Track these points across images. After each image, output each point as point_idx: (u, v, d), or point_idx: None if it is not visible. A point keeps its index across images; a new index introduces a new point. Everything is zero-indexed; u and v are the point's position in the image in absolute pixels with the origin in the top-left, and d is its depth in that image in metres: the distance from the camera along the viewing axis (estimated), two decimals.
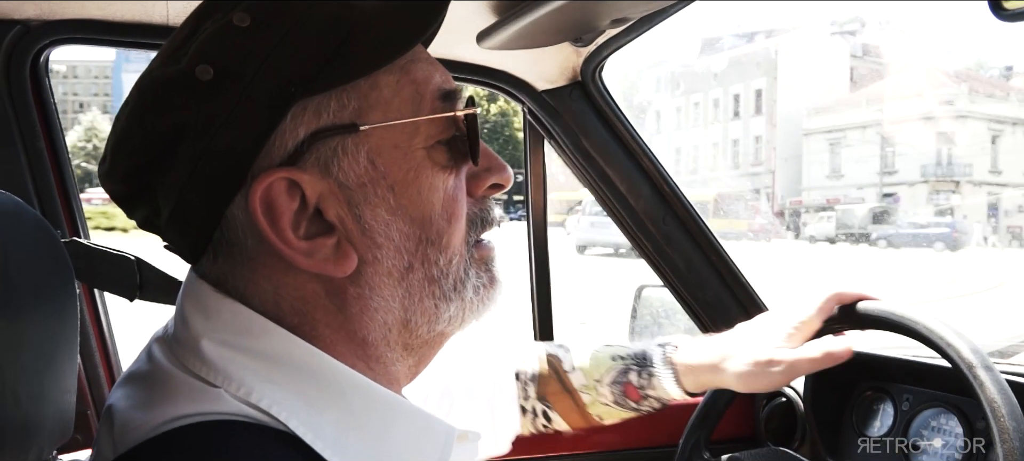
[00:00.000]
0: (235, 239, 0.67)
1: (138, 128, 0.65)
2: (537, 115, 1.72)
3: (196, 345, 0.66)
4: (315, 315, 0.68)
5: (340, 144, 0.66)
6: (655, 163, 1.77)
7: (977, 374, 1.09)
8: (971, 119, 45.84)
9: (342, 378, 0.67)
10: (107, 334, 1.55)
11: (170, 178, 0.65)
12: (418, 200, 0.68)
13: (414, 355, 0.75)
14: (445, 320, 0.72)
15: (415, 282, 0.70)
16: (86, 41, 1.40)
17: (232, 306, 0.67)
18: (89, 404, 1.49)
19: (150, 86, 0.65)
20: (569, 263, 18.73)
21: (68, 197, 1.46)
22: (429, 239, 0.69)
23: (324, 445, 0.64)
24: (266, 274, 0.67)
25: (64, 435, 0.95)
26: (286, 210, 0.64)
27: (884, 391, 1.59)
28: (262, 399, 0.63)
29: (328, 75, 0.64)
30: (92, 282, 1.43)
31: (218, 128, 0.62)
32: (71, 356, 0.96)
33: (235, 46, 0.63)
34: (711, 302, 1.88)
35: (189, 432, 0.60)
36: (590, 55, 1.59)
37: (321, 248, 0.66)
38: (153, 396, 0.65)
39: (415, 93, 0.69)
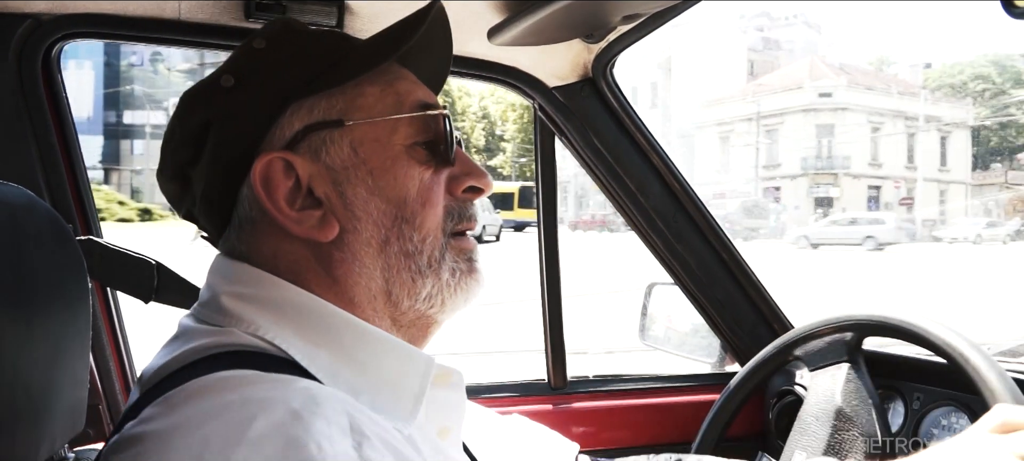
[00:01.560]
0: (245, 213, 0.82)
1: (178, 126, 0.83)
2: (548, 112, 1.71)
3: (217, 301, 0.79)
4: (307, 276, 0.80)
5: (328, 135, 0.81)
6: (666, 160, 1.76)
7: (976, 367, 1.09)
8: (850, 111, 46.27)
9: (336, 318, 0.79)
10: (119, 329, 1.55)
11: (199, 167, 0.81)
12: (394, 184, 0.81)
13: (404, 333, 0.85)
14: (424, 298, 0.83)
15: (392, 254, 0.82)
16: (98, 36, 1.40)
17: (244, 266, 0.81)
18: (101, 398, 1.49)
19: (188, 94, 0.84)
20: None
21: (80, 193, 1.46)
22: (404, 217, 0.82)
23: (317, 370, 0.75)
24: (268, 241, 0.81)
25: (75, 428, 0.96)
26: (281, 185, 0.79)
27: (895, 390, 1.58)
28: (267, 333, 0.76)
29: (320, 83, 0.81)
30: (107, 282, 1.43)
31: (232, 122, 0.80)
32: (83, 350, 0.97)
33: (251, 62, 0.82)
34: (722, 300, 1.88)
35: (201, 362, 0.72)
36: (601, 52, 1.59)
37: (310, 218, 0.80)
38: (174, 346, 0.77)
39: (396, 101, 0.84)
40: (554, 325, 1.83)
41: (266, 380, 0.67)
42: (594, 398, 1.85)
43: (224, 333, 0.76)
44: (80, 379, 0.96)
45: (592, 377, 1.91)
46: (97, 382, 1.48)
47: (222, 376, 0.67)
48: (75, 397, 0.95)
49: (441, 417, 0.85)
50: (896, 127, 47.89)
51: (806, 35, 65.18)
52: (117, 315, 1.55)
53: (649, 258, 1.89)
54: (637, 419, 1.86)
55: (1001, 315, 11.30)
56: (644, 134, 1.73)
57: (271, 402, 0.62)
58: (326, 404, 0.64)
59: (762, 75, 53.61)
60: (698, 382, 1.96)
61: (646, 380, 1.94)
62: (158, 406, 0.67)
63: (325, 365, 0.76)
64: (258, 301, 0.78)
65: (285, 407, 0.61)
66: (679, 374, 1.98)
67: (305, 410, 0.62)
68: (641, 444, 1.84)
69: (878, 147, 47.40)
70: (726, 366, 1.98)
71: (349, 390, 0.74)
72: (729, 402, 1.46)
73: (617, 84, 1.69)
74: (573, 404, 1.83)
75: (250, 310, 0.77)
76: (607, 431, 1.83)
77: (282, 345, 0.75)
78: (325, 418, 0.62)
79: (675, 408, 1.89)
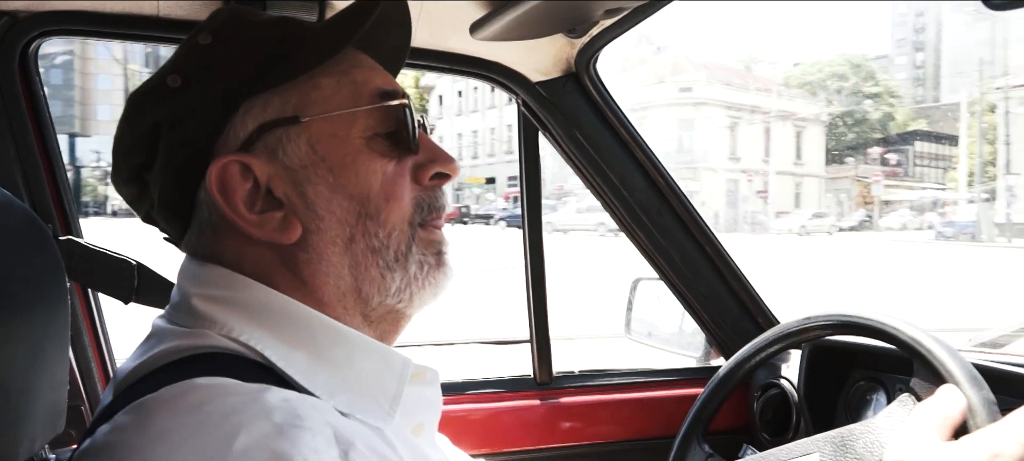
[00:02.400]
0: (204, 217, 0.80)
1: (127, 130, 0.80)
2: (531, 107, 1.71)
3: (188, 304, 0.77)
4: (275, 278, 0.79)
5: (284, 133, 0.78)
6: (650, 155, 1.76)
7: (935, 355, 1.11)
8: (709, 106, 46.91)
9: (311, 319, 0.78)
10: (101, 330, 1.54)
11: (154, 171, 0.79)
12: (356, 180, 0.79)
13: (375, 329, 0.84)
14: (394, 292, 0.81)
15: (359, 252, 0.79)
16: (76, 33, 1.38)
17: (214, 268, 0.79)
18: (83, 399, 1.48)
19: (135, 96, 0.80)
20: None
21: (59, 193, 1.44)
22: (368, 213, 0.79)
23: (294, 371, 0.74)
24: (230, 244, 0.79)
25: (55, 429, 0.95)
26: (239, 188, 0.77)
27: (877, 381, 1.59)
28: (242, 335, 0.74)
29: (270, 78, 0.78)
30: (87, 282, 1.42)
31: (183, 124, 0.77)
32: (62, 352, 0.96)
33: (198, 59, 0.79)
34: (706, 295, 1.88)
35: (175, 365, 0.71)
36: (584, 46, 1.59)
37: (271, 221, 0.78)
38: (148, 348, 0.75)
39: (354, 92, 0.81)
40: (539, 320, 1.83)
41: (242, 391, 0.65)
42: (580, 393, 1.85)
43: (198, 335, 0.74)
44: (59, 380, 0.95)
45: (578, 372, 1.92)
46: (78, 383, 1.47)
47: (197, 384, 0.65)
48: (55, 398, 0.94)
49: (416, 414, 0.84)
50: (753, 122, 49.04)
51: (680, 33, 65.57)
52: (98, 316, 1.53)
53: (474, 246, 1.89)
54: (623, 413, 1.86)
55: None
56: (628, 129, 1.73)
57: (252, 415, 0.60)
58: (308, 416, 0.63)
59: (631, 70, 53.91)
60: (683, 376, 1.97)
61: (631, 374, 1.94)
62: (132, 413, 0.65)
63: (301, 367, 0.74)
64: (230, 303, 0.76)
65: (267, 421, 0.60)
66: (664, 368, 1.98)
67: (288, 424, 0.60)
68: (627, 438, 1.85)
69: (736, 141, 48.40)
70: (711, 360, 1.99)
71: (326, 391, 0.74)
72: (713, 396, 1.46)
73: (600, 79, 1.69)
74: (559, 399, 1.83)
75: (223, 312, 0.75)
76: (593, 426, 1.83)
77: (257, 346, 0.74)
78: (309, 430, 0.61)
79: (660, 402, 1.90)
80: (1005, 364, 1.36)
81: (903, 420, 1.15)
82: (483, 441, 1.74)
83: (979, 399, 1.03)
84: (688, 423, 1.46)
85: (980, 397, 1.04)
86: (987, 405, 1.03)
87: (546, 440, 1.79)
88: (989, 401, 1.03)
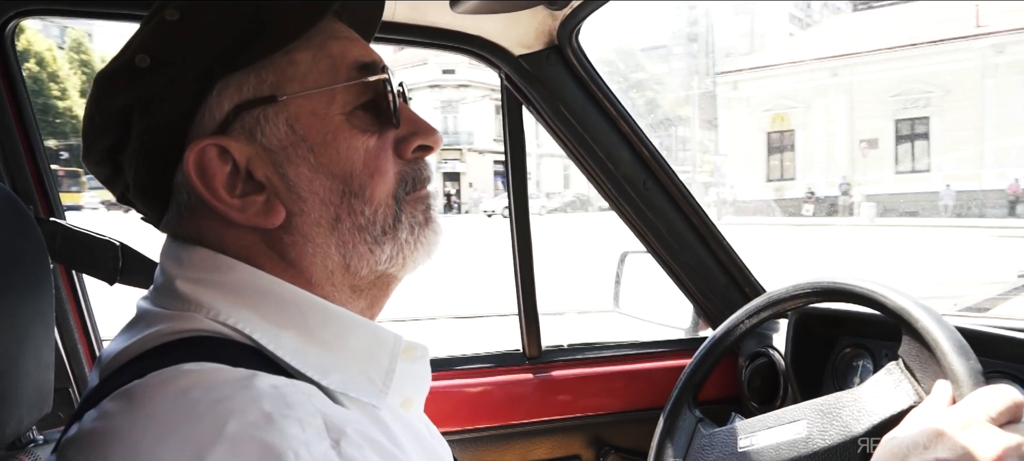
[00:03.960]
0: (183, 200, 0.78)
1: (97, 112, 0.76)
2: (514, 81, 1.70)
3: (172, 287, 0.75)
4: (260, 261, 0.77)
5: (261, 113, 0.75)
6: (634, 128, 1.76)
7: (922, 323, 1.11)
8: (472, 88, 46.78)
9: (300, 299, 0.76)
10: (87, 312, 1.53)
11: (128, 153, 0.76)
12: (338, 158, 0.77)
13: (365, 297, 0.83)
14: (384, 261, 0.80)
15: (346, 231, 0.78)
16: (53, 13, 1.37)
17: (198, 250, 0.77)
18: (70, 381, 1.48)
19: (102, 76, 0.76)
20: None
21: (40, 174, 1.43)
22: (352, 191, 0.78)
23: (284, 353, 0.73)
24: (211, 228, 0.77)
25: (42, 410, 0.95)
26: (218, 172, 0.75)
27: (863, 348, 1.60)
28: (230, 318, 0.73)
29: (244, 55, 0.75)
30: (71, 264, 1.41)
31: (156, 106, 0.74)
32: (47, 333, 0.96)
33: (166, 36, 0.74)
34: (693, 266, 1.89)
35: (162, 348, 0.69)
36: (566, 18, 1.58)
37: (252, 204, 0.76)
38: (133, 331, 0.74)
39: (331, 66, 0.78)
40: (527, 296, 1.83)
41: (231, 377, 0.64)
42: (569, 366, 1.86)
43: (184, 318, 0.72)
44: (45, 362, 0.95)
45: (567, 346, 1.92)
46: (65, 365, 1.47)
47: (185, 369, 0.64)
48: (41, 380, 0.94)
49: (405, 388, 0.83)
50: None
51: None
52: (84, 298, 1.53)
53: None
54: (612, 386, 1.87)
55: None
56: (612, 102, 1.73)
57: (241, 403, 0.60)
58: (298, 405, 0.62)
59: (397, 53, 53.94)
60: (672, 348, 1.98)
61: (620, 347, 1.95)
62: (119, 400, 0.64)
63: (291, 347, 0.73)
64: (216, 285, 0.75)
65: (257, 409, 0.59)
66: (653, 340, 1.99)
67: (277, 413, 0.60)
68: (617, 410, 1.86)
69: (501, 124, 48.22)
70: (699, 331, 2.00)
71: (318, 371, 0.74)
72: (700, 365, 1.47)
73: (583, 51, 1.68)
74: (548, 373, 1.83)
75: (209, 295, 0.74)
76: (583, 398, 1.84)
77: (245, 329, 0.72)
78: (299, 421, 0.60)
79: (649, 374, 1.90)
80: (990, 328, 1.38)
81: (889, 388, 1.16)
82: (474, 416, 1.75)
83: (966, 369, 1.04)
84: (678, 389, 1.47)
85: (967, 367, 1.04)
86: (974, 375, 1.03)
87: (536, 413, 1.80)
88: (976, 371, 1.04)
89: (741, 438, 1.32)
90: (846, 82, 31.02)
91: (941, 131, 29.98)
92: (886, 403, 1.15)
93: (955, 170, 28.74)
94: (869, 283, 1.23)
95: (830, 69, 31.51)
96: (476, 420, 1.75)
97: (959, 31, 29.40)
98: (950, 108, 29.52)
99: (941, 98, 29.77)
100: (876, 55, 30.92)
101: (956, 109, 29.36)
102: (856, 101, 31.22)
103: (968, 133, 29.15)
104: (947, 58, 29.44)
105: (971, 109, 29.12)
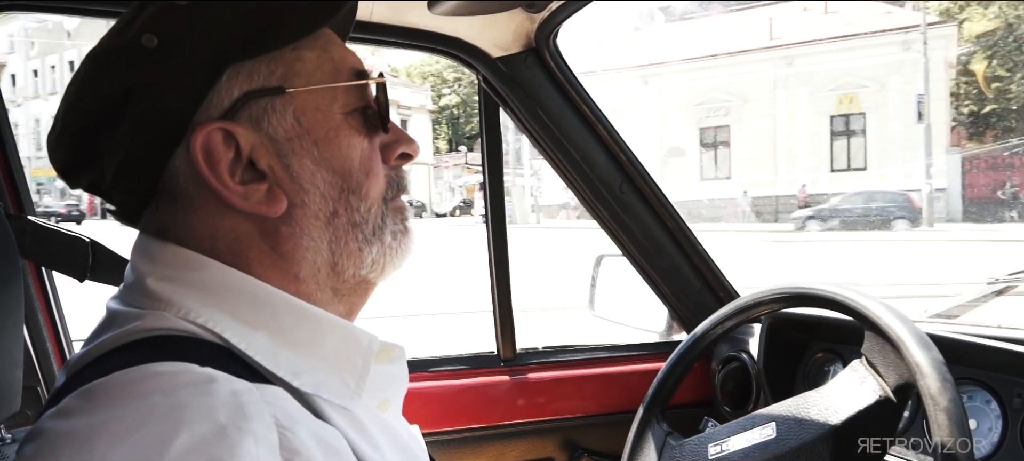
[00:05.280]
0: (176, 189, 0.76)
1: (90, 93, 0.74)
2: (491, 83, 1.70)
3: (142, 285, 0.74)
4: (250, 254, 0.77)
5: (269, 103, 0.76)
6: (611, 131, 1.77)
7: (883, 319, 1.13)
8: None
9: (274, 298, 0.76)
10: (56, 310, 1.52)
11: (116, 138, 0.74)
12: (339, 154, 0.79)
13: (344, 302, 0.83)
14: (368, 264, 0.81)
15: (340, 226, 0.79)
16: (33, 8, 1.36)
17: (173, 248, 0.76)
18: (39, 380, 1.46)
19: (101, 54, 0.74)
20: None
21: (11, 171, 1.41)
22: (350, 188, 0.79)
23: (255, 352, 0.72)
24: (204, 217, 0.76)
25: (10, 408, 0.94)
26: (223, 157, 0.74)
27: (835, 352, 1.62)
28: (199, 316, 0.72)
29: (257, 45, 0.75)
30: (41, 261, 1.40)
31: (161, 89, 0.72)
32: (16, 331, 0.95)
33: (177, 20, 0.72)
34: (668, 269, 1.90)
35: (127, 347, 0.68)
36: (544, 21, 1.58)
37: (255, 192, 0.75)
38: (101, 331, 0.73)
39: (333, 68, 0.80)
40: (503, 298, 1.83)
41: (190, 381, 0.62)
42: (543, 369, 1.86)
43: (153, 317, 0.71)
44: (14, 359, 0.94)
45: (541, 348, 1.93)
46: (34, 363, 1.45)
47: (148, 370, 0.63)
48: (9, 377, 0.93)
49: (381, 389, 0.83)
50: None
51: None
52: (53, 296, 1.51)
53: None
54: (586, 389, 1.88)
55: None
56: (589, 105, 1.73)
57: (197, 412, 0.59)
58: (255, 417, 0.61)
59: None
60: (646, 351, 1.99)
61: (594, 350, 1.96)
62: (79, 398, 0.63)
63: (263, 347, 0.73)
64: (187, 283, 0.74)
65: (211, 420, 0.58)
66: (627, 344, 2.00)
67: (232, 425, 0.59)
68: (590, 413, 1.87)
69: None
70: (673, 335, 2.01)
71: (290, 372, 0.73)
72: (671, 373, 1.47)
73: (561, 54, 1.68)
74: (522, 376, 1.83)
75: (179, 292, 0.73)
76: (557, 401, 1.85)
77: (215, 328, 0.72)
78: (253, 435, 0.59)
79: (623, 377, 1.91)
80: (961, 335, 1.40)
81: (854, 385, 1.18)
82: (447, 417, 1.75)
83: (928, 360, 1.06)
84: (647, 402, 1.47)
85: (929, 358, 1.06)
86: (936, 365, 1.05)
87: (510, 416, 1.80)
88: (938, 362, 1.05)
89: (711, 446, 1.32)
90: (656, 90, 31.69)
91: (740, 139, 31.05)
92: (852, 399, 1.17)
93: (753, 177, 29.87)
94: (832, 287, 1.26)
95: (642, 77, 32.18)
96: (449, 421, 1.75)
97: (757, 43, 30.65)
98: (749, 117, 30.67)
99: (740, 107, 30.89)
100: (684, 65, 31.78)
101: (753, 118, 30.52)
102: (665, 109, 32.00)
103: (764, 141, 30.40)
104: (746, 69, 30.61)
105: (766, 118, 30.32)
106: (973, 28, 30.22)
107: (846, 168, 29.21)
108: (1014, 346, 1.33)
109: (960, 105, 30.50)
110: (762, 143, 30.42)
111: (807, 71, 29.60)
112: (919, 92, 25.91)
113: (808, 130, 29.74)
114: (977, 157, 27.52)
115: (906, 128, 27.03)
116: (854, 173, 28.75)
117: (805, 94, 29.75)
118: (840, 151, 29.49)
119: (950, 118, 28.26)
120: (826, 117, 29.50)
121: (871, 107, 28.65)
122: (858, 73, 28.51)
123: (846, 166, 29.24)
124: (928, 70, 25.98)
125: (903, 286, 10.74)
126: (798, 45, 29.78)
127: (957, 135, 29.42)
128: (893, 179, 27.27)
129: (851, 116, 29.08)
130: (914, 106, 26.02)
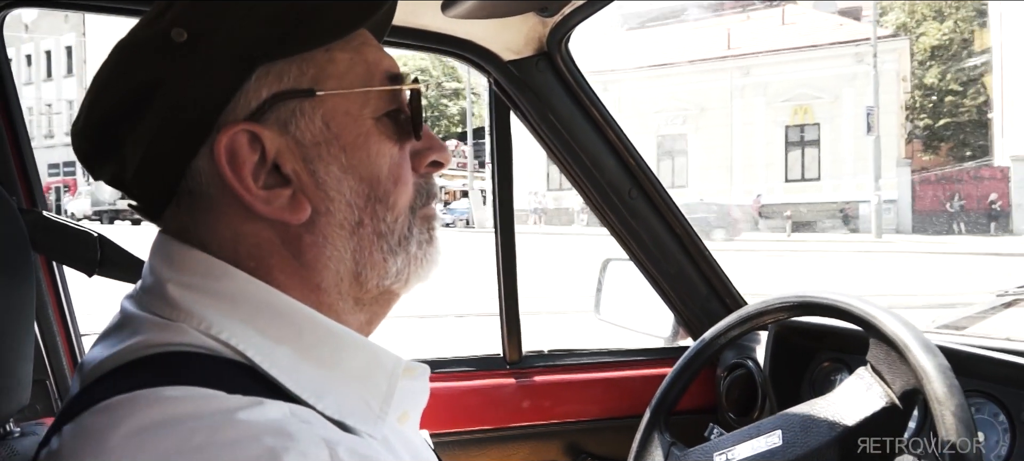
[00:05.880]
0: (198, 189, 0.73)
1: (117, 82, 0.72)
2: (503, 86, 1.70)
3: (162, 290, 0.72)
4: (271, 261, 0.74)
5: (298, 106, 0.73)
6: (621, 136, 1.77)
7: (888, 325, 1.13)
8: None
9: (296, 313, 0.73)
10: (66, 304, 1.52)
11: (140, 131, 0.71)
12: (367, 162, 0.76)
13: (366, 311, 0.81)
14: (392, 275, 0.79)
15: (365, 236, 0.76)
16: (45, 4, 1.36)
17: (194, 253, 0.73)
18: (48, 374, 1.46)
19: (130, 44, 0.73)
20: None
21: (24, 166, 1.42)
22: (377, 197, 0.76)
23: (279, 372, 0.70)
24: (226, 221, 0.73)
25: (20, 402, 0.94)
26: (248, 160, 0.71)
27: (841, 361, 1.62)
28: (222, 332, 0.69)
29: (289, 44, 0.72)
30: (51, 254, 1.40)
31: (189, 84, 0.70)
32: (27, 325, 0.95)
33: (208, 14, 0.71)
34: (675, 275, 1.90)
35: (150, 361, 0.66)
36: (556, 25, 1.58)
37: (279, 198, 0.73)
38: (119, 337, 0.71)
39: (366, 71, 0.77)
40: (509, 300, 1.84)
41: (208, 414, 0.60)
42: (549, 372, 1.87)
43: (174, 329, 0.69)
44: (25, 353, 0.94)
45: (547, 351, 1.93)
46: (44, 358, 1.45)
47: (169, 395, 0.61)
48: (20, 371, 0.93)
49: (401, 403, 0.80)
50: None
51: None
52: (64, 291, 1.52)
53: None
54: (591, 393, 1.88)
55: None
56: (599, 109, 1.74)
57: (237, 436, 0.58)
58: (300, 436, 0.60)
59: None
60: (652, 356, 1.99)
61: (600, 354, 1.96)
62: (101, 414, 0.61)
63: (286, 364, 0.70)
64: (210, 293, 0.71)
65: (259, 444, 0.57)
66: (633, 349, 2.00)
67: (280, 446, 0.57)
68: (596, 417, 1.87)
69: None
70: (679, 340, 2.01)
71: (312, 393, 0.71)
72: (680, 376, 1.47)
73: (572, 58, 1.68)
74: (528, 378, 1.84)
75: (201, 303, 0.70)
76: (562, 405, 1.85)
77: (239, 345, 0.69)
78: (303, 456, 0.58)
79: (629, 382, 1.91)
80: (969, 347, 1.39)
81: (861, 392, 1.18)
82: (452, 419, 1.75)
83: (933, 365, 1.06)
84: (651, 410, 1.47)
85: (934, 363, 1.06)
86: (942, 370, 1.05)
87: (515, 419, 1.80)
88: (944, 366, 1.05)
89: (717, 455, 1.32)
90: (615, 97, 31.48)
91: (698, 148, 31.41)
92: (858, 406, 1.17)
93: (709, 185, 30.00)
94: (837, 295, 1.26)
95: (602, 83, 31.93)
96: (454, 423, 1.75)
97: (715, 52, 31.11)
98: (706, 126, 31.02)
99: (697, 116, 31.24)
100: (644, 72, 32.11)
101: (711, 127, 30.87)
102: (624, 116, 32.18)
103: (721, 150, 30.74)
104: (703, 78, 31.01)
105: (723, 127, 30.69)
106: (928, 42, 30.82)
107: (800, 178, 29.73)
108: (1022, 359, 1.33)
109: (915, 118, 31.01)
110: (719, 152, 30.83)
111: (763, 81, 29.99)
112: (869, 105, 26.44)
113: (764, 140, 30.14)
114: (926, 169, 28.15)
115: (858, 140, 27.48)
116: (808, 184, 29.35)
117: (761, 104, 30.15)
118: (795, 162, 29.95)
119: (902, 130, 28.72)
120: (781, 127, 29.92)
121: (825, 118, 29.17)
122: (812, 84, 29.00)
123: (800, 176, 29.73)
124: (878, 83, 26.47)
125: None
126: (755, 55, 30.13)
127: (912, 148, 29.97)
128: (845, 190, 27.93)
129: (805, 127, 29.55)
130: (865, 118, 26.45)
